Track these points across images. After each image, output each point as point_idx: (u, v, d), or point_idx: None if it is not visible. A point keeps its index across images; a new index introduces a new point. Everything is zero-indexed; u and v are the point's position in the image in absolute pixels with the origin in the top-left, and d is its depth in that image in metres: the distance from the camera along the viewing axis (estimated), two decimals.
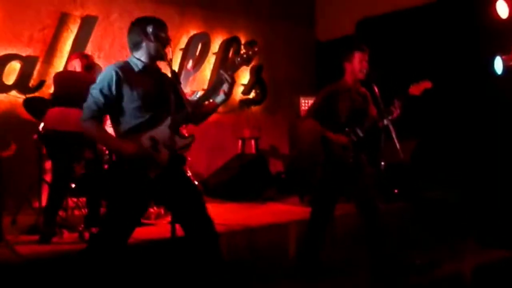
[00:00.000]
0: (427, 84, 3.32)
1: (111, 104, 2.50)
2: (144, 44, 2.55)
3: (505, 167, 4.82)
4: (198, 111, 2.70)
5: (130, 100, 2.50)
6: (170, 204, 2.72)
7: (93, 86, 2.52)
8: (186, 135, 4.60)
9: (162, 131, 2.52)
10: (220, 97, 2.65)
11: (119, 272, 2.71)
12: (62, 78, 3.88)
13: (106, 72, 2.52)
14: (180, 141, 2.56)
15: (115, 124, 2.57)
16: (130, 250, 3.25)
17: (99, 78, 2.54)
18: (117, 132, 2.56)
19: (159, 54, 2.56)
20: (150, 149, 2.50)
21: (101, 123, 2.58)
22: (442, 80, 5.13)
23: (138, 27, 2.57)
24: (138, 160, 2.46)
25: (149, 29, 2.53)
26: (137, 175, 2.49)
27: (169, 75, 2.61)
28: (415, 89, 3.31)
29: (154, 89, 2.56)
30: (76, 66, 3.89)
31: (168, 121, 2.52)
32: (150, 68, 2.61)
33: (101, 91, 2.48)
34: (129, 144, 2.46)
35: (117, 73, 2.49)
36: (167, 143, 2.49)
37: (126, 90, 2.50)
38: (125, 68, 2.54)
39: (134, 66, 2.57)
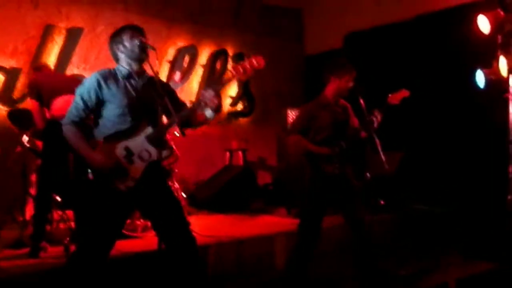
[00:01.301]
0: (405, 93, 3.42)
1: (92, 110, 2.51)
2: (121, 55, 2.57)
3: (489, 180, 4.88)
4: (189, 120, 2.65)
5: (111, 107, 2.50)
6: (149, 217, 2.69)
7: (77, 90, 2.54)
8: (173, 145, 4.63)
9: (138, 141, 2.48)
10: (208, 113, 2.60)
11: (103, 286, 2.67)
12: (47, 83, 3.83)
13: (89, 79, 2.55)
14: (157, 153, 2.49)
15: (95, 129, 2.55)
16: (117, 263, 3.23)
17: (83, 84, 2.56)
18: (97, 137, 2.54)
19: (138, 58, 2.54)
20: (123, 160, 2.45)
21: (80, 128, 2.52)
22: (427, 93, 5.25)
23: (112, 41, 2.60)
24: (106, 172, 2.42)
25: (121, 39, 2.54)
26: (104, 187, 2.44)
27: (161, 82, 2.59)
28: (394, 98, 3.40)
29: (138, 97, 2.53)
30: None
31: (147, 131, 2.49)
32: (137, 74, 2.59)
33: (81, 97, 2.50)
34: (97, 155, 2.43)
35: (98, 81, 2.50)
36: (142, 155, 2.47)
37: (107, 97, 2.49)
38: (109, 75, 2.54)
39: (118, 73, 2.57)
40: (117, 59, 2.61)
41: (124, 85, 2.53)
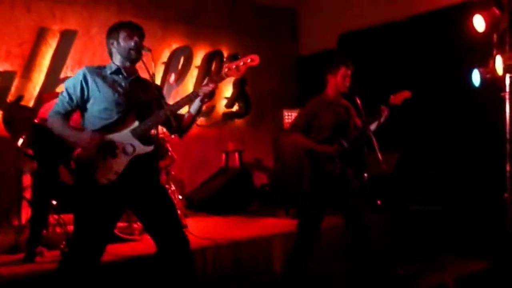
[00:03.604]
0: (406, 94, 3.48)
1: (77, 104, 2.52)
2: (114, 51, 2.59)
3: (485, 178, 4.89)
4: (180, 122, 2.65)
5: (96, 102, 2.50)
6: (140, 217, 2.65)
7: (64, 83, 2.57)
8: (170, 149, 4.59)
9: (123, 135, 2.47)
10: (194, 105, 2.59)
11: None
12: None
13: (77, 73, 2.56)
14: (142, 148, 2.48)
15: (82, 124, 2.56)
16: (114, 267, 3.20)
17: (70, 78, 2.60)
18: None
19: (130, 58, 2.55)
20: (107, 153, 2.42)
21: (66, 119, 2.52)
22: (423, 93, 5.25)
23: (108, 35, 2.61)
24: (88, 161, 2.39)
25: (117, 36, 2.56)
26: (86, 180, 2.41)
27: (154, 86, 2.58)
28: (395, 99, 3.45)
29: (125, 93, 2.53)
30: None
31: (134, 125, 2.48)
32: (127, 71, 2.58)
33: (67, 89, 2.53)
34: (84, 134, 2.44)
35: (84, 75, 2.52)
36: (126, 149, 2.45)
37: (93, 91, 2.50)
38: (96, 71, 2.56)
39: (108, 69, 2.58)
40: (110, 54, 2.62)
41: (112, 80, 2.54)
